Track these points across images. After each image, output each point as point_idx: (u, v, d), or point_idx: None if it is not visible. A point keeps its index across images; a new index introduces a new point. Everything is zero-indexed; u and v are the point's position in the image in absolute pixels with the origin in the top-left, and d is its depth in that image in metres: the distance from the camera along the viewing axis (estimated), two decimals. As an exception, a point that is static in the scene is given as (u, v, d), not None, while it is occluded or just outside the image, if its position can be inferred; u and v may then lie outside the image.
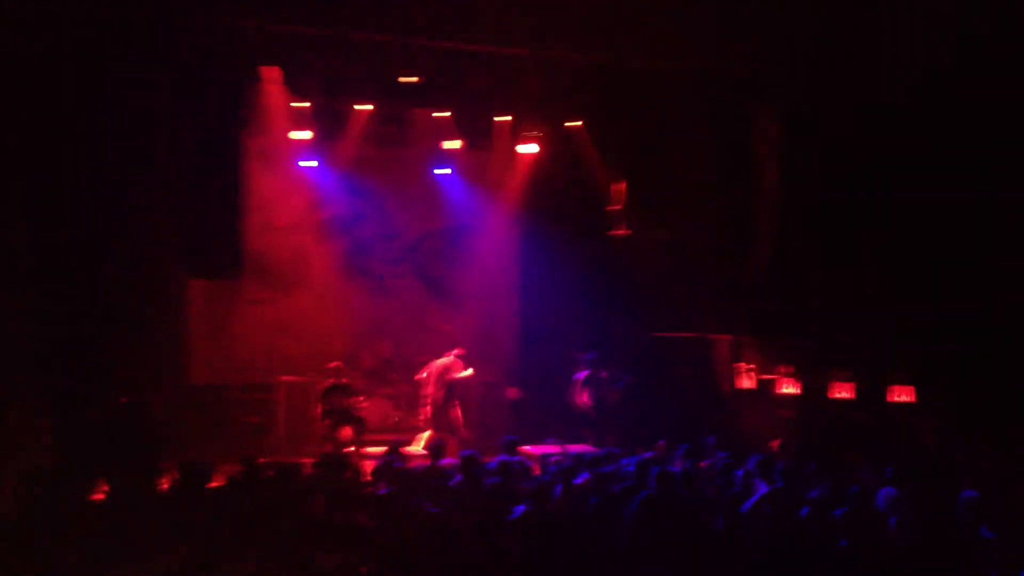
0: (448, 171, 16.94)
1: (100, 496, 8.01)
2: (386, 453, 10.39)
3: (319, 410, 13.39)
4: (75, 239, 10.90)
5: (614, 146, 16.06)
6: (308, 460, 10.47)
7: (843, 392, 13.11)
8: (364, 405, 13.77)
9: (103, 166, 11.60)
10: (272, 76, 14.05)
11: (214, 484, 8.68)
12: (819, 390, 13.36)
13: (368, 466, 10.60)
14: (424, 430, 14.21)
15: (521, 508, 8.00)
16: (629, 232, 15.58)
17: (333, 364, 13.74)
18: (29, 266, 9.83)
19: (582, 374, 14.21)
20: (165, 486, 8.87)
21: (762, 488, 8.81)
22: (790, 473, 8.90)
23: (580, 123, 16.09)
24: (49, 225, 10.48)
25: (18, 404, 9.14)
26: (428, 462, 10.25)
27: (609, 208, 16.03)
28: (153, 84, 12.31)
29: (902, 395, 12.56)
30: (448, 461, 10.09)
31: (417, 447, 13.52)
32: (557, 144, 16.48)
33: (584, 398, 14.11)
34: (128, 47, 11.70)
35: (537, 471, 10.51)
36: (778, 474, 8.91)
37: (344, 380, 13.63)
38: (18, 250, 9.76)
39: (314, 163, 16.20)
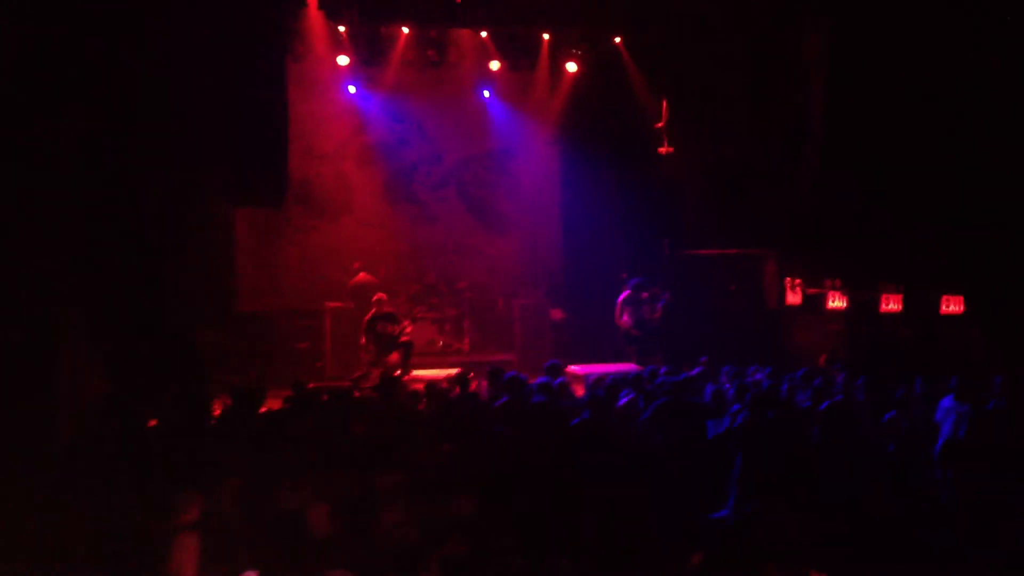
0: (487, 93, 16.88)
1: (153, 423, 8.15)
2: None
3: (363, 340, 13.48)
4: (121, 172, 10.96)
5: (656, 62, 15.81)
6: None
7: (892, 305, 12.95)
8: (409, 330, 13.83)
9: (147, 97, 11.60)
10: (311, 1, 13.97)
11: (265, 409, 8.81)
12: (868, 304, 13.21)
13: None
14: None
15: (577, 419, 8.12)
16: (672, 149, 15.35)
17: (376, 296, 13.81)
18: (78, 200, 9.90)
19: (623, 295, 14.15)
20: (217, 412, 9.01)
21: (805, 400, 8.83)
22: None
23: (620, 39, 15.84)
24: (95, 160, 10.53)
25: (71, 335, 9.28)
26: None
27: (652, 126, 15.81)
28: (196, 12, 12.23)
29: (952, 306, 12.40)
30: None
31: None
32: (598, 62, 16.29)
33: (625, 319, 14.07)
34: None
35: (580, 391, 10.56)
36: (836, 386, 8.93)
37: (388, 309, 13.69)
38: (67, 184, 9.83)
39: (353, 89, 16.22)
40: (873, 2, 13.02)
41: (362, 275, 15.06)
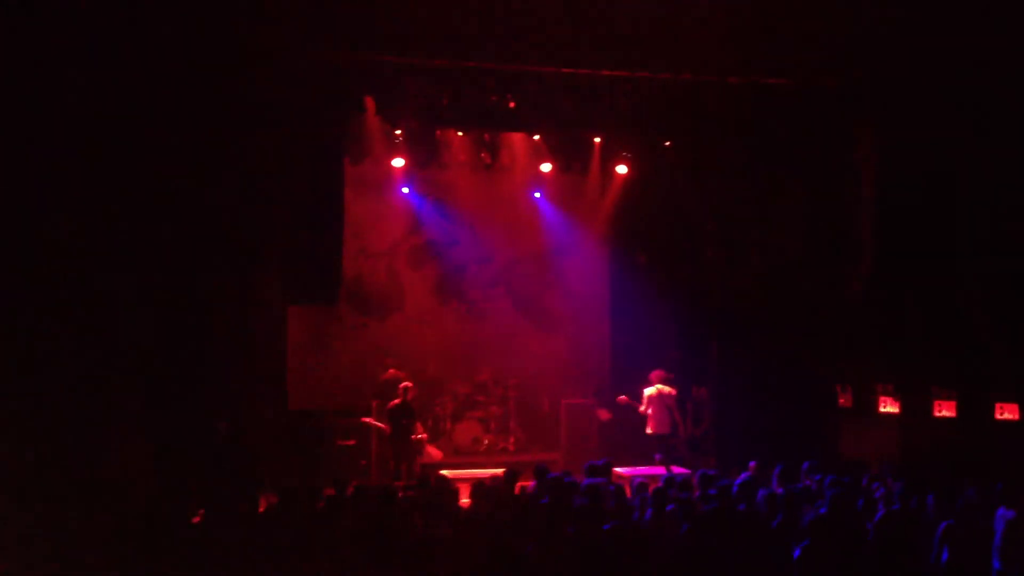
0: (538, 195, 17.14)
1: (198, 519, 8.19)
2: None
3: (388, 430, 13.54)
4: (177, 265, 11.21)
5: (705, 165, 15.92)
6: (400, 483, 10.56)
7: (945, 411, 12.70)
8: (422, 431, 13.81)
9: (206, 194, 11.91)
10: (369, 105, 14.35)
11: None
12: (920, 409, 12.98)
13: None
14: None
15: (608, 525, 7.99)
16: (722, 252, 15.36)
17: (403, 385, 13.84)
18: (131, 292, 10.14)
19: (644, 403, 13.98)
20: (261, 509, 9.03)
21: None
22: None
23: (670, 143, 16.01)
24: (151, 253, 10.80)
25: (120, 428, 9.43)
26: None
27: (701, 228, 15.86)
28: (257, 115, 12.61)
29: (1007, 413, 12.11)
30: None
31: None
32: (648, 164, 16.44)
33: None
34: (232, 79, 12.02)
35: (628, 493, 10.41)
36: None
37: (409, 399, 13.69)
38: (121, 277, 10.08)
39: (407, 190, 16.58)
40: (922, 103, 13.06)
41: (391, 371, 15.10)
